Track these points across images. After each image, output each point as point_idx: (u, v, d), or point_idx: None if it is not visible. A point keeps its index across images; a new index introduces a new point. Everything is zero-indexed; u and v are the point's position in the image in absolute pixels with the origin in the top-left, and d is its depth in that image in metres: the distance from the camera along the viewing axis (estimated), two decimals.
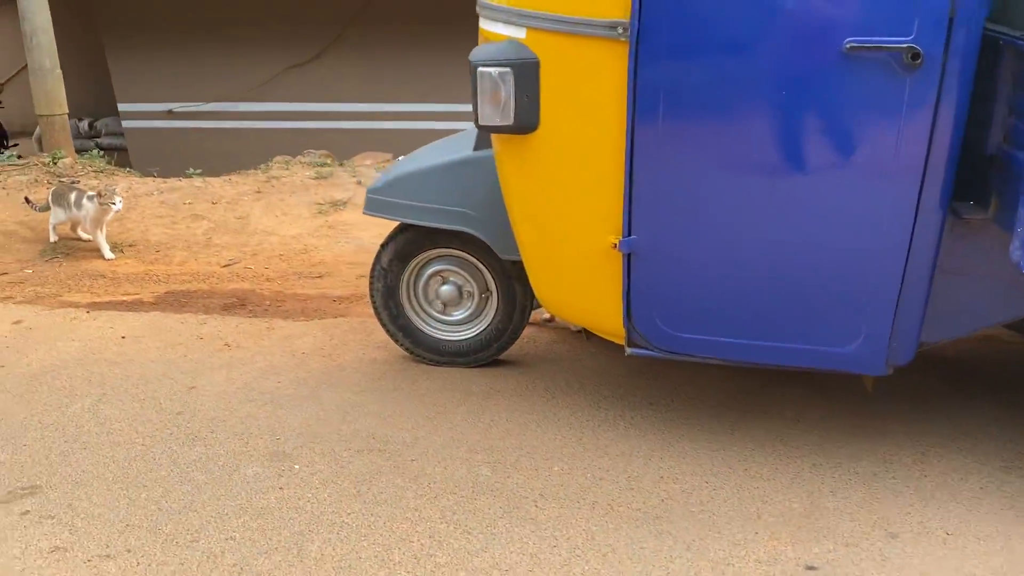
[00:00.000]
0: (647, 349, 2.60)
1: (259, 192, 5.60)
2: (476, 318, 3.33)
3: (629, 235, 2.41)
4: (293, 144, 8.18)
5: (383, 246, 3.25)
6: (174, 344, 3.66)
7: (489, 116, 2.43)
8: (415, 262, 3.26)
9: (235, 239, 4.85)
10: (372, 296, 3.32)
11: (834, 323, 2.36)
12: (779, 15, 2.12)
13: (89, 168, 6.15)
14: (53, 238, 4.93)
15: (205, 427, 2.98)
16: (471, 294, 3.29)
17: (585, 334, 3.16)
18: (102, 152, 6.86)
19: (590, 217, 2.47)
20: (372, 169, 6.26)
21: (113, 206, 4.63)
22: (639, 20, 2.17)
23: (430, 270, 3.27)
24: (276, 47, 8.90)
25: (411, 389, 3.22)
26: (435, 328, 3.37)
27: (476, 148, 2.89)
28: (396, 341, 3.39)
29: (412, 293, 3.34)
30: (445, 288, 3.29)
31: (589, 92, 2.32)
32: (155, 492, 2.62)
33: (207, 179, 5.93)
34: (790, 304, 2.37)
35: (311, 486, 2.64)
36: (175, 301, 4.22)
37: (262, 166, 6.35)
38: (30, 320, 3.97)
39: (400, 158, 3.36)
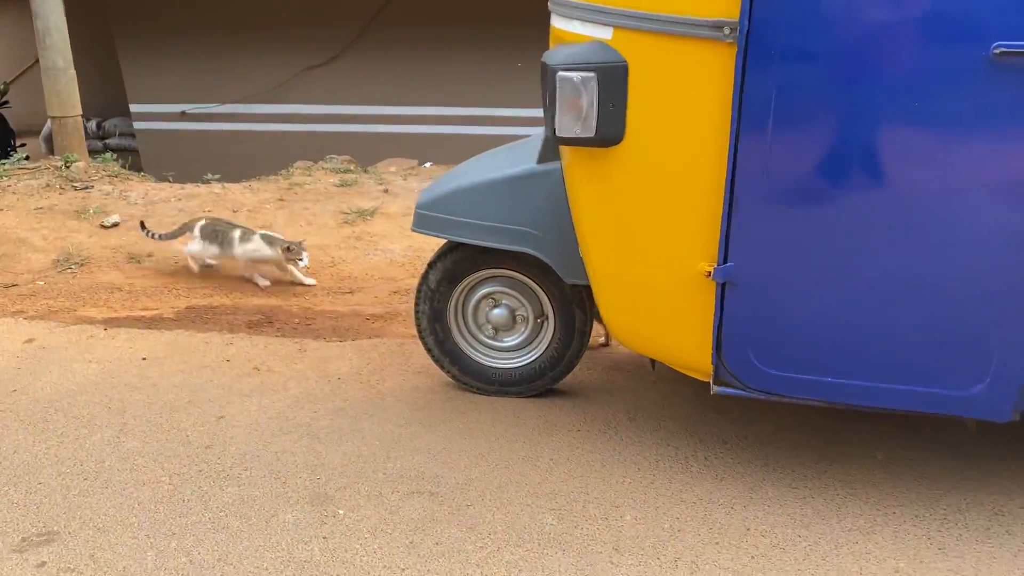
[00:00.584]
0: (737, 388, 2.32)
1: (282, 200, 5.34)
2: (529, 344, 3.06)
3: (725, 262, 2.14)
4: (311, 148, 7.93)
5: (430, 265, 2.98)
6: (199, 367, 3.39)
7: (568, 126, 2.16)
8: (465, 283, 3.00)
9: None
10: (417, 319, 3.05)
11: (958, 363, 2.08)
12: (914, 16, 1.85)
13: (103, 172, 5.89)
14: (196, 267, 4.50)
15: (238, 463, 2.71)
16: (525, 318, 3.02)
17: (651, 364, 2.89)
18: (115, 155, 6.61)
19: (678, 241, 2.20)
20: (398, 176, 5.99)
21: (300, 262, 4.20)
22: (749, 19, 1.90)
23: (481, 292, 3.01)
24: (293, 48, 8.64)
25: (460, 422, 2.95)
26: (484, 354, 3.10)
27: (541, 160, 2.62)
28: (442, 367, 3.13)
29: (461, 316, 3.07)
30: (497, 312, 3.02)
31: (686, 100, 2.05)
32: (186, 541, 2.35)
33: (226, 185, 5.67)
34: (910, 342, 2.09)
35: (358, 535, 2.37)
36: (197, 318, 3.96)
37: (283, 172, 6.10)
38: (43, 338, 3.70)
39: (451, 169, 3.09)
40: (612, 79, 2.10)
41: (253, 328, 3.84)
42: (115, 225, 4.99)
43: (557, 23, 2.31)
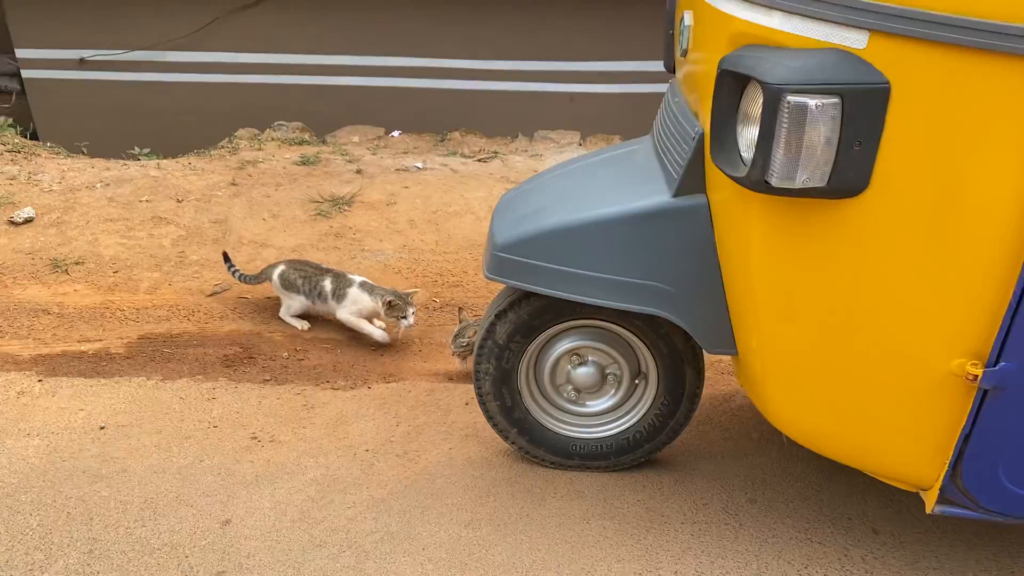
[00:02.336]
0: (967, 508, 1.76)
1: (234, 185, 4.46)
2: (622, 409, 2.43)
3: (998, 363, 1.53)
4: (235, 101, 6.90)
5: (499, 315, 2.29)
6: (179, 438, 2.61)
7: (787, 171, 1.49)
8: (543, 336, 2.32)
9: (216, 253, 3.74)
10: (478, 380, 2.37)
11: None
12: None
13: (0, 146, 4.84)
14: (303, 326, 3.39)
15: None
16: (617, 378, 2.38)
17: (786, 439, 2.31)
18: (12, 123, 5.51)
19: (924, 329, 1.59)
20: (364, 149, 5.16)
21: (404, 321, 3.15)
22: None
23: (563, 347, 2.35)
24: None
25: (542, 516, 2.30)
26: (563, 422, 2.46)
27: (680, 192, 1.94)
28: (506, 438, 2.46)
29: (534, 376, 2.40)
30: (582, 371, 2.37)
31: (974, 142, 1.42)
32: None
33: (162, 163, 4.73)
34: None
35: None
36: (156, 353, 3.14)
37: (226, 144, 5.17)
38: None
39: (522, 188, 2.37)
40: (864, 107, 1.44)
41: (232, 368, 3.05)
42: (28, 221, 4.03)
43: (754, 15, 1.62)
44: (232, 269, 3.47)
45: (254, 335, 3.31)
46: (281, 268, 3.37)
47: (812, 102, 1.43)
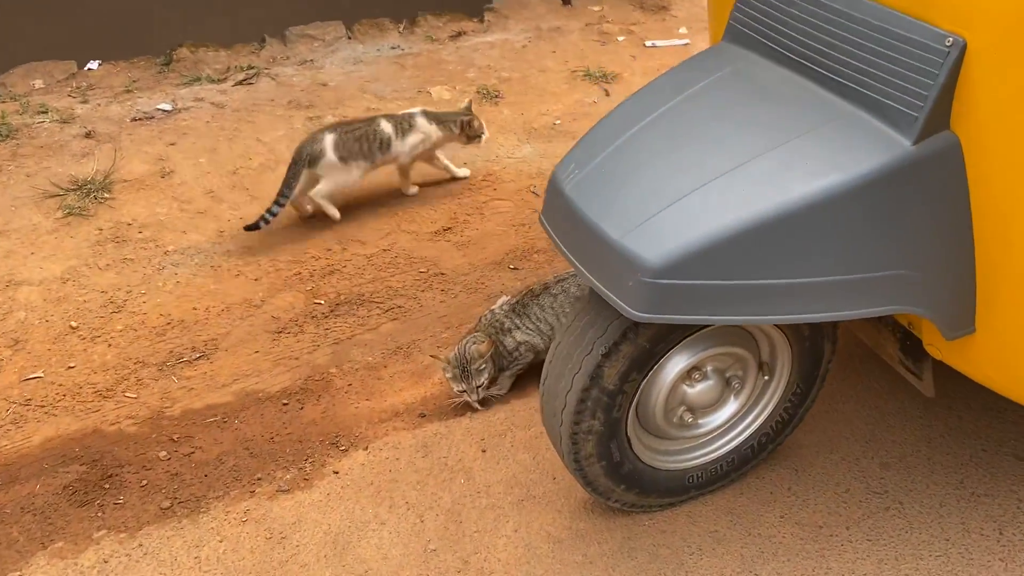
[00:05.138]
0: None
1: None
2: (745, 414, 1.86)
3: None
4: None
5: (607, 354, 1.55)
6: None
7: None
8: (660, 362, 1.64)
9: None
10: (574, 446, 1.66)
11: None
12: None
13: None
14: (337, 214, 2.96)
15: None
16: (740, 379, 1.78)
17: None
18: None
19: None
20: (67, 97, 3.70)
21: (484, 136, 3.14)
22: None
23: (678, 366, 1.68)
24: None
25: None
26: (676, 456, 1.84)
27: (923, 136, 1.32)
28: (608, 498, 1.80)
29: (642, 415, 1.73)
30: (702, 387, 1.74)
31: None
32: None
33: None
34: None
35: None
36: None
37: None
38: None
39: (601, 154, 1.58)
40: None
41: (91, 507, 1.96)
42: None
43: None
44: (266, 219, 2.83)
45: (92, 435, 2.16)
46: (331, 137, 2.86)
47: None
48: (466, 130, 3.04)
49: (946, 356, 1.58)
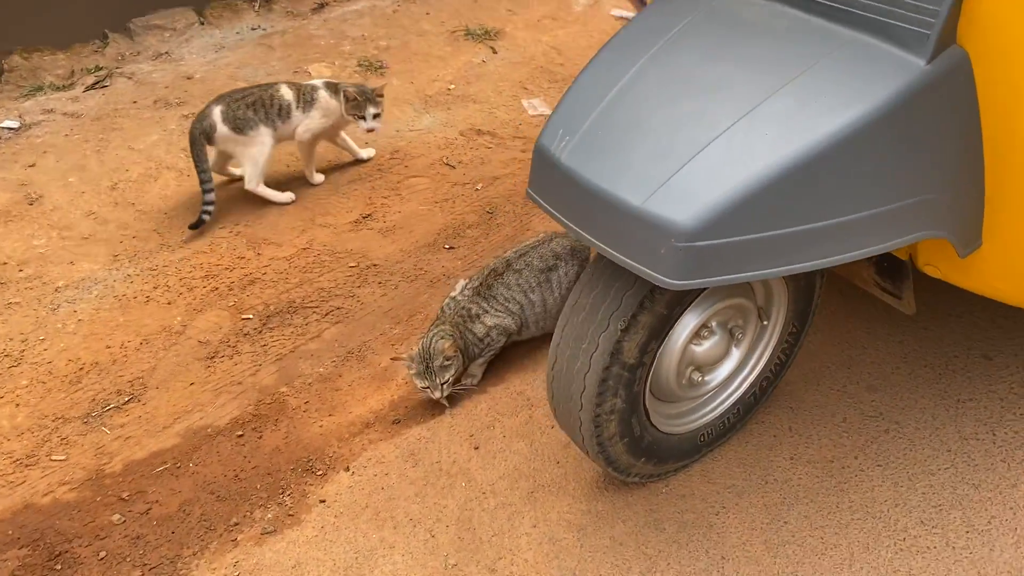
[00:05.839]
0: None
1: None
2: (746, 362, 1.81)
3: None
4: None
5: (626, 328, 1.45)
6: None
7: None
8: (671, 328, 1.56)
9: None
10: (597, 428, 1.56)
11: None
12: None
13: None
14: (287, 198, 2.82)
15: None
16: (741, 329, 1.73)
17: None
18: None
19: None
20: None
21: (363, 123, 2.77)
22: None
23: (688, 326, 1.61)
24: None
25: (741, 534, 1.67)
26: (687, 418, 1.78)
27: (935, 53, 1.27)
28: (627, 475, 1.71)
29: (655, 384, 1.65)
30: (709, 343, 1.68)
31: None
32: None
33: None
34: None
35: None
36: None
37: None
38: None
39: (596, 114, 1.45)
40: None
41: None
42: None
43: None
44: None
45: (24, 512, 1.88)
46: (219, 109, 2.64)
47: None
48: (350, 105, 2.71)
49: (947, 274, 1.57)
